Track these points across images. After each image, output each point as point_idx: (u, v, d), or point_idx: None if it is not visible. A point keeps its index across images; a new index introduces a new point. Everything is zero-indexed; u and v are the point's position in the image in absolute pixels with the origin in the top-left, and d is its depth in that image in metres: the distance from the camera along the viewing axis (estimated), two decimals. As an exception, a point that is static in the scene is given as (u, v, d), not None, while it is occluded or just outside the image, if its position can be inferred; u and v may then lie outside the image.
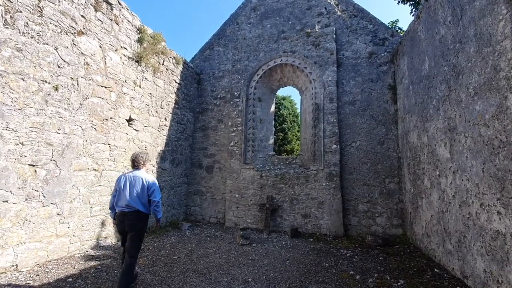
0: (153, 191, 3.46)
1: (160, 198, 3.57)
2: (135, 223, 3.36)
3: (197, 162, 8.54)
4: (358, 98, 7.42)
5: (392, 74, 7.28)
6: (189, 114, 8.53)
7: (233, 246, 5.71)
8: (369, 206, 6.87)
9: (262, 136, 8.39)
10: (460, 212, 3.90)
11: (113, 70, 5.58)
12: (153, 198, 3.45)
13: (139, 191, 3.41)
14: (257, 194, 7.55)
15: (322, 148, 7.26)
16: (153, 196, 3.45)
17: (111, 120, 5.56)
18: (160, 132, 7.12)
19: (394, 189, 6.78)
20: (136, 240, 3.36)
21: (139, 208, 3.37)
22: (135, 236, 3.35)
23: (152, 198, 3.45)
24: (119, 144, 5.74)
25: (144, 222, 3.45)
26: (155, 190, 3.49)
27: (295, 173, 7.38)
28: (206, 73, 9.06)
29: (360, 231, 6.80)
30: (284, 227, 7.18)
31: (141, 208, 3.40)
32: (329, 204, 6.94)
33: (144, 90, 6.48)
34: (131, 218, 3.35)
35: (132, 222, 3.35)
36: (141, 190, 3.42)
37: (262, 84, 8.47)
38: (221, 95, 8.74)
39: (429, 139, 4.99)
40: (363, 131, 7.23)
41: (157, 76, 6.97)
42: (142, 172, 3.59)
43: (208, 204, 8.21)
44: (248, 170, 7.75)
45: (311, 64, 7.77)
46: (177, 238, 6.27)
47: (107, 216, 5.48)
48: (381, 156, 7.00)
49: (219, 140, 8.46)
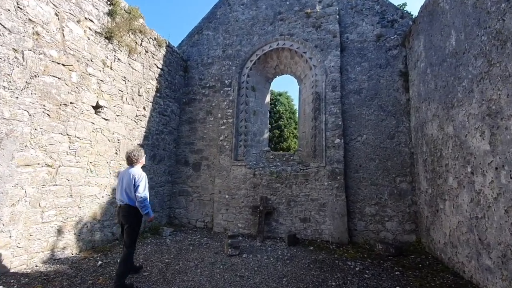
0: (137, 187, 3.54)
1: (146, 194, 3.58)
2: (127, 216, 3.57)
3: (182, 159, 7.59)
4: (364, 86, 6.54)
5: (403, 59, 6.42)
6: (174, 104, 7.57)
7: (220, 257, 4.78)
8: (377, 209, 6.00)
9: (256, 130, 7.47)
10: (506, 219, 3.03)
11: (74, 45, 4.61)
12: (136, 193, 3.53)
13: (127, 186, 3.58)
14: (250, 194, 6.63)
15: (324, 143, 6.37)
16: (137, 191, 3.52)
17: (72, 105, 4.59)
18: (138, 124, 6.15)
19: (406, 189, 5.92)
20: (130, 232, 3.54)
21: (128, 202, 3.57)
22: (128, 229, 3.55)
23: (135, 193, 3.53)
24: (82, 135, 4.77)
25: (134, 216, 3.59)
26: (139, 186, 3.54)
27: (293, 171, 6.48)
28: (193, 60, 8.10)
29: (367, 238, 5.93)
30: (280, 232, 6.27)
31: (130, 203, 3.58)
32: (332, 206, 6.05)
33: (116, 73, 5.51)
34: (124, 211, 3.59)
35: (124, 215, 3.59)
36: (128, 185, 3.57)
37: (256, 71, 7.55)
38: (211, 84, 7.80)
39: (455, 129, 4.12)
40: (370, 123, 6.36)
41: (134, 58, 6.01)
42: (135, 168, 3.73)
43: (195, 206, 7.27)
44: (239, 168, 6.83)
45: (311, 48, 6.87)
46: (154, 246, 5.32)
47: (66, 222, 4.52)
48: (391, 151, 6.13)
49: (208, 134, 7.52)
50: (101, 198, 5.17)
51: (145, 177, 3.70)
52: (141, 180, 3.59)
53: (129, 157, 3.76)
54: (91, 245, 4.96)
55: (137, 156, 3.78)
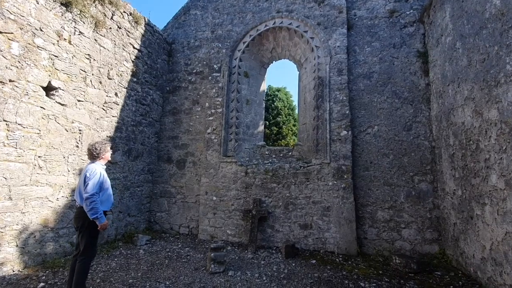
0: (86, 185, 2.99)
1: (95, 193, 2.96)
2: (78, 218, 3.08)
3: (165, 155, 6.62)
4: (375, 70, 5.59)
5: (422, 37, 5.47)
6: (156, 93, 6.60)
7: (200, 275, 3.82)
8: (392, 214, 5.05)
9: (249, 121, 6.51)
10: None
11: (16, 8, 3.64)
12: (84, 192, 2.98)
13: (81, 183, 3.09)
14: (241, 196, 5.67)
15: (328, 136, 5.41)
16: (85, 190, 2.97)
17: (12, 84, 3.62)
18: (107, 112, 5.18)
19: (426, 190, 4.97)
20: (84, 237, 3.02)
21: (81, 203, 3.05)
22: (80, 233, 3.07)
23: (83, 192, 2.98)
24: (27, 123, 3.80)
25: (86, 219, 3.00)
26: (88, 184, 2.98)
27: (292, 168, 5.53)
28: (179, 43, 7.13)
29: (380, 248, 4.97)
30: (276, 241, 5.31)
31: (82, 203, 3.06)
32: (338, 210, 5.10)
33: (77, 49, 4.54)
34: (76, 213, 3.14)
35: (76, 216, 3.12)
36: (81, 184, 3.09)
37: (249, 55, 6.59)
38: (198, 70, 6.83)
39: (502, 113, 3.17)
40: (382, 112, 5.41)
41: (102, 34, 5.03)
42: (94, 164, 3.18)
43: (178, 209, 6.30)
44: (229, 165, 5.86)
45: (313, 27, 5.92)
46: (122, 260, 4.35)
47: (4, 231, 3.55)
48: (407, 145, 5.18)
49: (194, 127, 6.55)
50: (55, 201, 4.20)
51: (100, 175, 3.10)
52: (92, 177, 3.02)
53: (89, 151, 3.25)
54: (40, 259, 3.98)
55: (99, 150, 3.24)
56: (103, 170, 3.30)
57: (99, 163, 3.26)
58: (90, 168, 3.13)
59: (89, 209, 2.92)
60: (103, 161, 3.34)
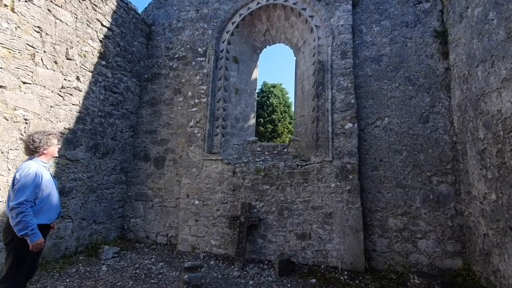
0: (15, 190, 2.29)
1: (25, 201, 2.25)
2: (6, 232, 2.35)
3: (142, 152, 5.74)
4: (385, 52, 4.79)
5: (439, 14, 4.69)
6: (131, 80, 5.72)
7: (168, 304, 2.97)
8: (405, 221, 4.25)
9: (238, 113, 5.67)
10: None
11: None
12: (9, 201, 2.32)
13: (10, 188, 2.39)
14: (228, 200, 4.83)
15: (330, 129, 4.60)
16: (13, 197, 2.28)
17: None
18: (65, 99, 4.30)
19: (447, 193, 4.19)
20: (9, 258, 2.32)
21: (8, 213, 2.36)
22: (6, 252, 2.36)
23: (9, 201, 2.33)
24: None
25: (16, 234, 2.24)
26: (16, 189, 2.28)
27: (288, 167, 4.70)
28: (160, 24, 6.26)
29: (392, 262, 4.17)
30: (268, 254, 4.48)
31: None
32: (342, 217, 4.29)
33: (23, 19, 3.65)
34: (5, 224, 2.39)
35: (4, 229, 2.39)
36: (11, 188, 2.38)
37: (239, 37, 5.75)
38: (180, 54, 5.96)
39: None
40: (394, 101, 4.61)
41: (58, 4, 4.15)
42: (29, 162, 2.46)
43: (156, 214, 5.42)
44: (214, 163, 5.02)
45: (312, 3, 5.10)
46: (76, 280, 3.48)
47: None
48: (424, 140, 4.39)
49: (175, 119, 5.69)
50: (-12, 208, 3.32)
51: (35, 176, 2.37)
52: (23, 178, 2.32)
53: (25, 143, 2.54)
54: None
55: (38, 143, 2.51)
56: (43, 170, 2.50)
57: (39, 160, 2.56)
58: (22, 167, 2.43)
59: (16, 223, 2.22)
60: (45, 157, 2.63)
